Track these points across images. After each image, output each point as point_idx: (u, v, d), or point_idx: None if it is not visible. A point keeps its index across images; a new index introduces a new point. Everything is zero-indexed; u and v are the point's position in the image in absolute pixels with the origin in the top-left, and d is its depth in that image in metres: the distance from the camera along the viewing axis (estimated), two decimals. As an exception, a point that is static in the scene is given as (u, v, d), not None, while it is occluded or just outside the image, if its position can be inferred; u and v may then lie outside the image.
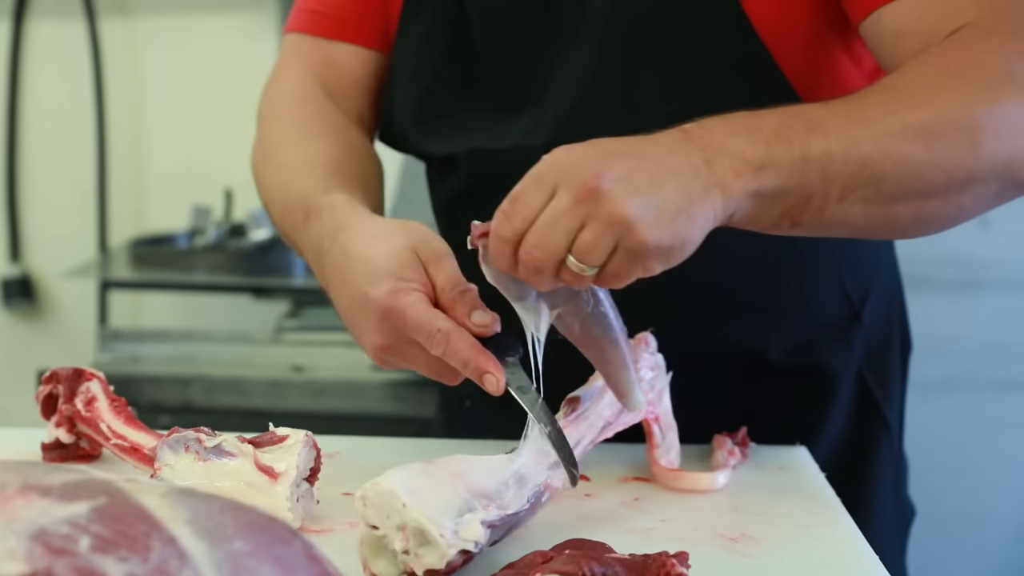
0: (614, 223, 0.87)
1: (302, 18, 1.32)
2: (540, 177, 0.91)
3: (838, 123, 0.95)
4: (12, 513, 0.59)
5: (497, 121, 1.23)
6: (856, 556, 0.94)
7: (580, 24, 1.18)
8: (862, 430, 1.28)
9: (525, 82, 1.22)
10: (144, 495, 0.63)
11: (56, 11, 2.88)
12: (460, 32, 1.24)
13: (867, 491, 1.27)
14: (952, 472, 2.55)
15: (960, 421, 2.59)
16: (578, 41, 1.18)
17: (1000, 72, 1.00)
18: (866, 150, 0.94)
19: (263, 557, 0.62)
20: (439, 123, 1.26)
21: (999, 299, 2.57)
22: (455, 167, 1.26)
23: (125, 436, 1.07)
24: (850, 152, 0.94)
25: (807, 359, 1.25)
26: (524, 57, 1.22)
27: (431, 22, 1.26)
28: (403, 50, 1.28)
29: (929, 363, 2.54)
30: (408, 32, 1.27)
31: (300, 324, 2.40)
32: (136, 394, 2.16)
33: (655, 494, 1.07)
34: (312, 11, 1.32)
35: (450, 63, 1.25)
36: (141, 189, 2.94)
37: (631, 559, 0.83)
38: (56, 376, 1.11)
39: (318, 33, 1.31)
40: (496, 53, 1.23)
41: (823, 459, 1.20)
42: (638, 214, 0.87)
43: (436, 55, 1.25)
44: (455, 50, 1.25)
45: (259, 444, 0.98)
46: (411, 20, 1.27)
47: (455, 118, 1.25)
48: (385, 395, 2.14)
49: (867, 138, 0.94)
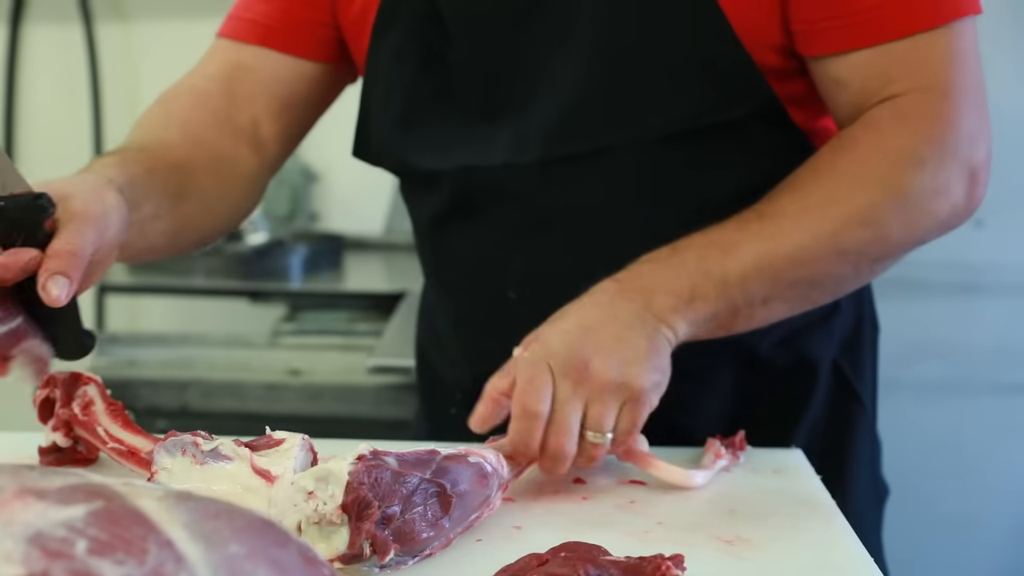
0: (612, 390, 1.02)
1: (228, 24, 1.34)
2: (532, 377, 1.03)
3: (751, 244, 1.08)
4: (9, 516, 0.60)
5: (477, 135, 1.23)
6: (851, 558, 0.94)
7: (564, 37, 1.18)
8: (839, 411, 1.32)
9: (505, 95, 1.22)
10: (141, 498, 0.63)
11: (53, 15, 2.88)
12: (434, 46, 1.24)
13: (846, 469, 1.31)
14: (949, 475, 2.56)
15: (956, 424, 2.59)
16: (562, 54, 1.18)
17: (907, 158, 1.10)
18: (779, 266, 1.08)
19: (259, 560, 0.62)
20: (418, 138, 1.26)
21: (995, 303, 2.58)
22: (439, 183, 1.27)
23: (122, 440, 1.07)
24: (764, 269, 1.08)
25: (793, 351, 1.28)
26: (504, 70, 1.21)
27: (403, 37, 1.25)
28: (376, 67, 1.28)
29: (926, 366, 2.54)
30: (380, 49, 1.27)
31: (297, 328, 2.40)
32: (133, 398, 2.16)
33: (651, 497, 1.07)
34: (238, 17, 1.33)
35: (425, 76, 1.25)
36: (138, 193, 2.94)
37: (627, 561, 0.84)
38: (53, 380, 1.11)
39: (238, 37, 1.32)
40: (475, 66, 1.22)
41: (804, 441, 1.25)
42: (622, 372, 1.02)
43: (411, 70, 1.25)
44: (430, 63, 1.25)
45: (256, 448, 0.98)
46: (383, 37, 1.27)
47: (433, 132, 1.25)
48: (381, 399, 2.14)
49: (779, 254, 1.08)
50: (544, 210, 1.22)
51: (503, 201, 1.23)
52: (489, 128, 1.22)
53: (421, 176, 1.29)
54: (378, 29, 1.27)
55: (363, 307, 2.43)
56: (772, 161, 1.19)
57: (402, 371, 2.07)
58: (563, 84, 1.18)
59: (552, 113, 1.19)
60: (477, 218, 1.22)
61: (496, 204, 1.24)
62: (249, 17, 1.32)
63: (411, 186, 1.33)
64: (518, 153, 1.20)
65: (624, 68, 1.17)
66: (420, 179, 1.30)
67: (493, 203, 1.23)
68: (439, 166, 1.25)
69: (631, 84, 1.17)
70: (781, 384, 1.29)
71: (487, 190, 1.23)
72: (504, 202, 1.23)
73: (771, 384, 1.28)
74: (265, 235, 2.56)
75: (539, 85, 1.20)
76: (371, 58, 1.28)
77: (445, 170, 1.25)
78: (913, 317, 1.35)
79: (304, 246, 2.51)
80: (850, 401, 1.33)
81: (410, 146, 1.27)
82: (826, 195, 1.11)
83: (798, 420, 1.29)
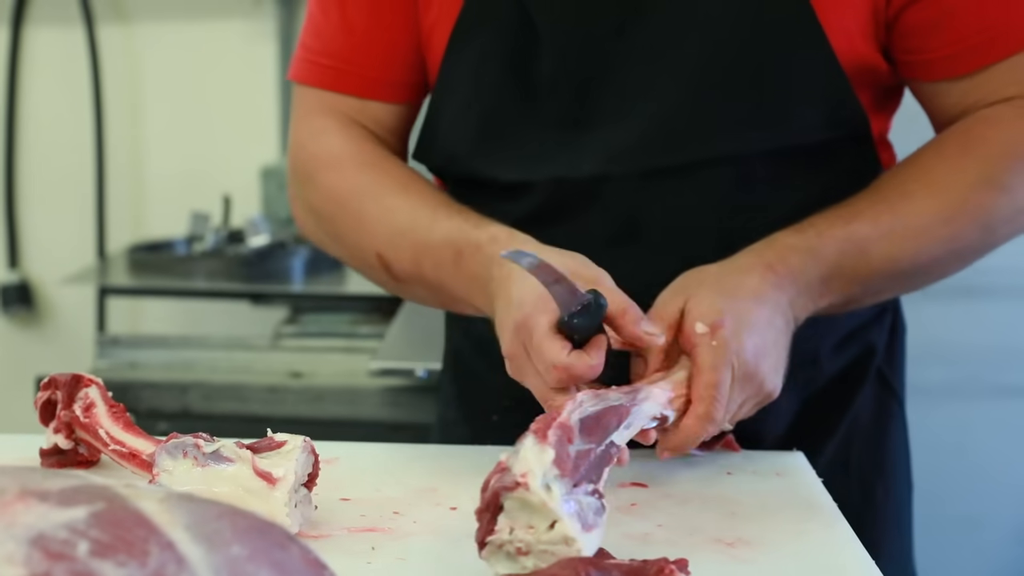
0: (764, 398, 1.08)
1: (323, 75, 1.29)
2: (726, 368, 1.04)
3: (883, 245, 1.14)
4: (11, 518, 0.60)
5: (565, 145, 1.21)
6: (853, 561, 0.94)
7: (664, 50, 1.18)
8: (880, 407, 1.35)
9: (597, 105, 1.20)
10: (142, 500, 0.63)
11: (54, 17, 2.88)
12: (522, 53, 1.22)
13: (887, 464, 1.35)
14: (953, 476, 2.56)
15: (961, 426, 2.59)
16: (662, 67, 1.18)
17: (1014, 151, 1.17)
18: (903, 266, 1.16)
19: (261, 562, 0.62)
20: (502, 148, 1.24)
21: (1000, 305, 2.57)
22: (526, 192, 1.25)
23: (123, 442, 1.07)
24: (892, 272, 1.16)
25: (848, 350, 1.32)
26: (597, 80, 1.20)
27: (491, 47, 1.23)
28: (453, 73, 1.25)
29: (930, 369, 2.54)
30: (460, 54, 1.24)
31: (298, 330, 2.40)
32: (134, 400, 2.16)
33: (653, 500, 1.07)
34: (333, 68, 1.28)
35: (511, 84, 1.23)
36: (139, 195, 2.95)
37: (630, 564, 0.84)
38: (55, 382, 1.11)
39: (345, 92, 1.28)
40: (566, 75, 1.21)
41: (843, 438, 1.30)
42: (772, 381, 1.07)
43: (495, 79, 1.23)
44: (517, 73, 1.23)
45: (257, 450, 0.98)
46: (464, 42, 1.24)
47: (518, 141, 1.23)
48: (383, 401, 2.14)
49: (905, 256, 1.15)
50: (631, 220, 1.22)
51: (589, 211, 1.22)
52: (579, 138, 1.21)
53: (505, 186, 1.26)
54: (459, 33, 1.23)
55: (365, 310, 2.43)
56: (851, 181, 1.21)
57: (404, 374, 2.07)
58: (663, 97, 1.18)
59: (650, 125, 1.19)
60: (558, 227, 1.20)
61: (582, 214, 1.22)
62: (348, 70, 1.28)
63: (480, 194, 1.27)
64: (611, 164, 1.19)
65: (728, 85, 1.18)
66: (502, 188, 1.26)
67: (578, 213, 1.22)
68: (525, 176, 1.23)
69: (734, 101, 1.18)
70: (834, 383, 1.31)
71: (573, 201, 1.22)
72: (590, 212, 1.22)
73: (827, 384, 1.31)
74: (267, 237, 2.56)
75: (635, 96, 1.19)
76: (448, 63, 1.25)
77: (532, 180, 1.23)
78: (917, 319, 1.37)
79: (306, 248, 2.51)
80: (889, 398, 1.36)
81: (491, 155, 1.24)
82: (952, 195, 1.16)
83: (841, 418, 1.31)
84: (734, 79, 1.18)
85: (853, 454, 1.30)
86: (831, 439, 1.30)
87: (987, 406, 2.58)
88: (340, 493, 1.05)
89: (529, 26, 1.21)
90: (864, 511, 1.28)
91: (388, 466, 1.14)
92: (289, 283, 2.50)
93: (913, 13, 1.17)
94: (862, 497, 1.31)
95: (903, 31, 1.18)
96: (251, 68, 2.86)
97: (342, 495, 1.05)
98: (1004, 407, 2.58)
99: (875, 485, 1.33)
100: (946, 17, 1.17)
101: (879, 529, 1.31)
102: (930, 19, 1.17)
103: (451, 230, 1.16)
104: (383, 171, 1.26)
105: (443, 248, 1.15)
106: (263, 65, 2.86)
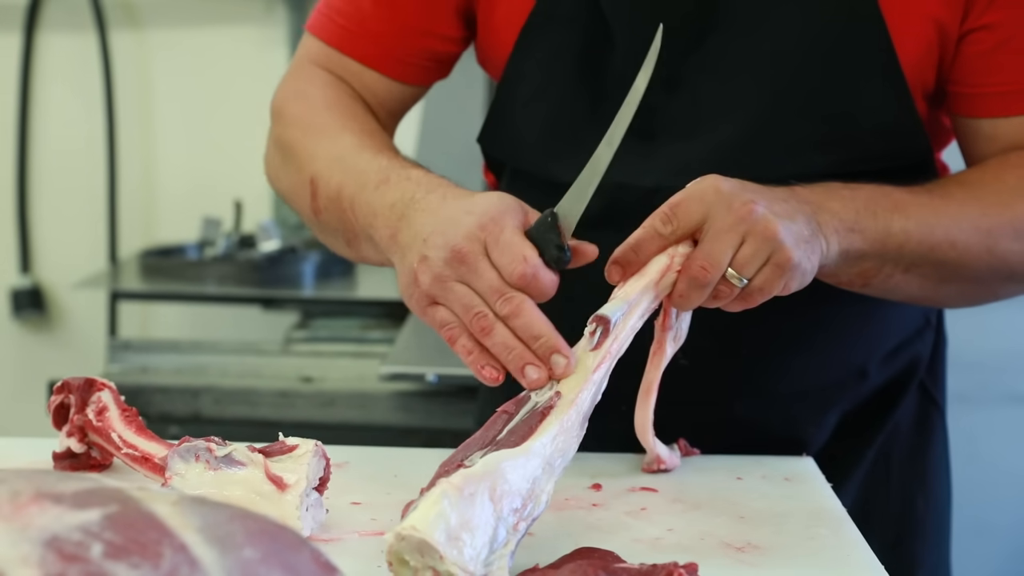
0: (769, 239, 1.00)
1: (333, 30, 1.30)
2: (701, 195, 1.02)
3: (919, 209, 1.11)
4: (26, 520, 0.60)
5: (631, 152, 1.18)
6: (862, 566, 0.95)
7: (739, 69, 1.18)
8: (921, 417, 1.35)
9: (666, 116, 1.20)
10: (155, 503, 0.64)
11: (67, 23, 2.89)
12: (594, 55, 1.22)
13: (929, 473, 1.36)
14: (962, 483, 2.55)
15: (970, 433, 2.58)
16: (736, 86, 1.18)
17: None
18: (938, 238, 1.12)
19: (273, 564, 0.62)
20: (567, 146, 1.23)
21: (1009, 311, 2.56)
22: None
23: (136, 446, 1.07)
24: (924, 236, 1.11)
25: (893, 364, 1.31)
26: (668, 90, 1.19)
27: (564, 42, 1.22)
28: (522, 67, 1.25)
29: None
30: (529, 49, 1.24)
31: (309, 335, 2.40)
32: (146, 404, 2.17)
33: (662, 504, 1.07)
34: (344, 28, 1.29)
35: (583, 86, 1.23)
36: (151, 200, 2.95)
37: (640, 569, 0.84)
38: (68, 386, 1.11)
39: (348, 53, 1.29)
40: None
41: (883, 445, 1.29)
42: (785, 234, 1.00)
43: (566, 76, 1.23)
44: (588, 73, 1.22)
45: (269, 454, 0.98)
46: (535, 37, 1.23)
47: (583, 143, 1.19)
48: (393, 406, 2.14)
49: (940, 228, 1.12)
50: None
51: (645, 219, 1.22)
52: (645, 147, 1.20)
53: (557, 182, 1.23)
54: (530, 28, 1.23)
55: (375, 314, 2.43)
56: None
57: (415, 378, 2.07)
58: (734, 115, 1.18)
59: (719, 142, 1.18)
60: (610, 231, 1.19)
61: (637, 221, 1.22)
62: (358, 31, 1.28)
63: (538, 189, 1.23)
64: (678, 177, 1.18)
65: (800, 109, 1.18)
66: (555, 185, 1.22)
67: (634, 220, 1.21)
68: None
69: (805, 125, 1.18)
70: (877, 394, 1.31)
71: (630, 207, 1.20)
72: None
73: (870, 395, 1.30)
74: (277, 242, 2.57)
75: (706, 112, 1.19)
76: (517, 57, 1.24)
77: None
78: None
79: (316, 253, 2.52)
80: (931, 408, 1.36)
81: (554, 151, 1.24)
82: (990, 197, 1.16)
83: (882, 427, 1.31)
84: (807, 103, 1.18)
85: (893, 465, 1.30)
86: (870, 448, 1.29)
87: (997, 413, 2.58)
88: (351, 497, 1.06)
89: (603, 26, 1.21)
90: (904, 522, 1.29)
91: (398, 470, 1.14)
92: (300, 288, 2.50)
93: (971, 45, 1.17)
94: (902, 508, 1.31)
95: (962, 62, 1.18)
96: (263, 74, 2.85)
97: (353, 499, 1.05)
98: (1014, 414, 2.58)
99: (915, 496, 1.33)
100: (1004, 53, 1.17)
101: (919, 540, 1.32)
102: (987, 52, 1.17)
103: (389, 163, 1.16)
104: (350, 115, 1.26)
105: (372, 173, 1.15)
106: (275, 71, 2.85)
